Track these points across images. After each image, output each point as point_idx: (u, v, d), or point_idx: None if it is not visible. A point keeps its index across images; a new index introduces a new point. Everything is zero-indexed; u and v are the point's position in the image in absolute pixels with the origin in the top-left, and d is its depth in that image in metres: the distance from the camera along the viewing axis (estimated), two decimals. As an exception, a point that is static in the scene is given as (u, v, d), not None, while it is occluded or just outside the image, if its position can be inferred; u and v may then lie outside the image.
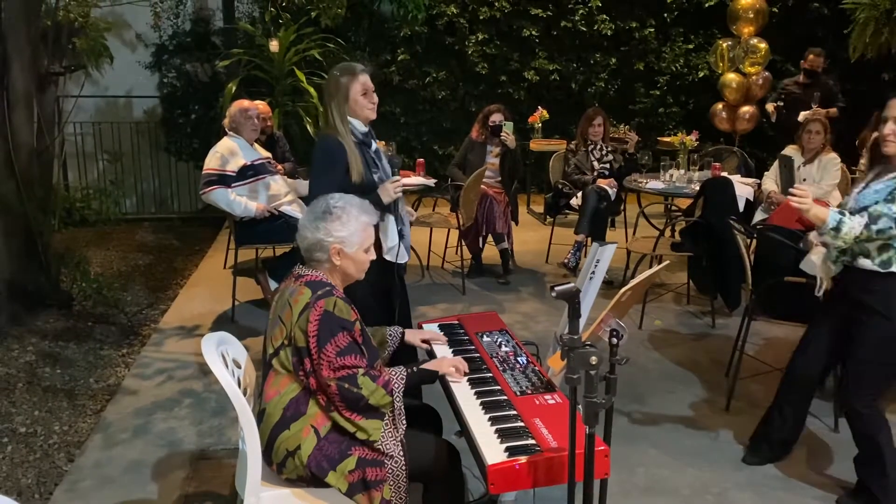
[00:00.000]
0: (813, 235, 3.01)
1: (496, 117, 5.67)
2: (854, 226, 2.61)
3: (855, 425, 2.86)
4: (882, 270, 2.68)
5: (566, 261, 5.71)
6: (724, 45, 8.25)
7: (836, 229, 2.62)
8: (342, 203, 2.32)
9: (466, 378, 2.40)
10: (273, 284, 4.40)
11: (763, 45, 8.15)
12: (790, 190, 2.70)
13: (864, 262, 2.71)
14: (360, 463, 2.18)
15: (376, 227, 2.96)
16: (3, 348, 4.28)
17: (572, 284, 1.86)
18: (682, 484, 3.06)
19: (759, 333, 4.59)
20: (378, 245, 3.04)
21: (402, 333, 2.66)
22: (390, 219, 3.11)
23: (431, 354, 2.62)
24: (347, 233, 2.28)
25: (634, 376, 4.06)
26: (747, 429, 3.42)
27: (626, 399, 3.76)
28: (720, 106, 8.48)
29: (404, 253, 3.20)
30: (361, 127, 3.08)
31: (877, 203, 2.63)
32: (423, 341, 2.71)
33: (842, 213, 2.65)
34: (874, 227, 2.60)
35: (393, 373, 2.26)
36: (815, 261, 2.99)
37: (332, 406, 2.21)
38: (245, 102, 4.88)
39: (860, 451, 2.90)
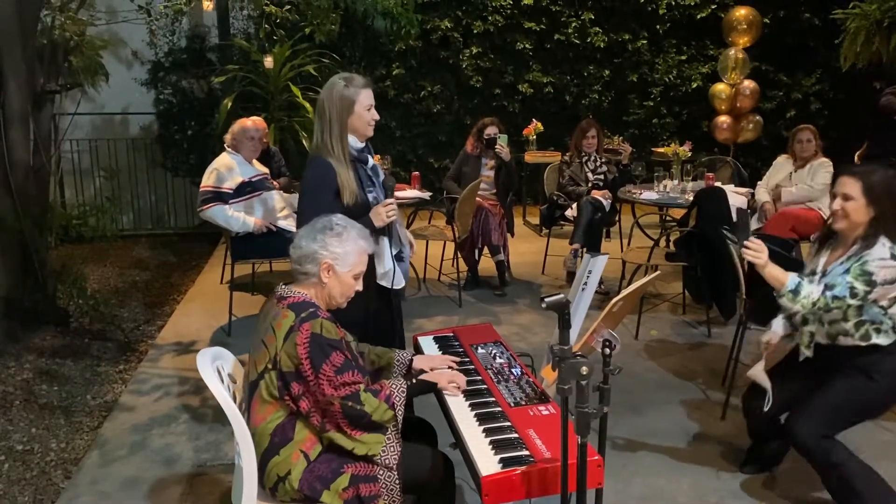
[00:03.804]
0: (762, 345, 3.01)
1: (491, 130, 5.70)
2: (812, 290, 2.66)
3: (807, 458, 2.77)
4: (864, 343, 2.73)
5: (566, 263, 5.75)
6: (731, 54, 8.38)
7: (795, 292, 2.67)
8: (344, 223, 2.34)
9: (461, 390, 2.41)
10: None
11: (741, 56, 8.24)
12: (745, 243, 2.71)
13: (846, 340, 2.75)
14: (354, 480, 2.18)
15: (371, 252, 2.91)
16: (-1, 366, 4.29)
17: (562, 295, 1.88)
18: (679, 493, 3.07)
19: (755, 342, 4.58)
20: (372, 270, 2.90)
21: (411, 360, 2.58)
22: (384, 242, 2.94)
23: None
24: (343, 251, 2.28)
25: (630, 386, 4.07)
26: (743, 437, 3.43)
27: (622, 409, 3.76)
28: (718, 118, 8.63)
29: (400, 278, 3.01)
30: (357, 143, 2.90)
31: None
32: (433, 369, 2.54)
33: (801, 277, 2.69)
34: (829, 294, 2.64)
35: (393, 386, 2.26)
36: (760, 372, 2.98)
37: (331, 425, 2.20)
38: (248, 122, 4.91)
39: (824, 481, 2.81)
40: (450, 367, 2.55)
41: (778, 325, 2.98)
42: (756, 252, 2.69)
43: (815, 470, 2.81)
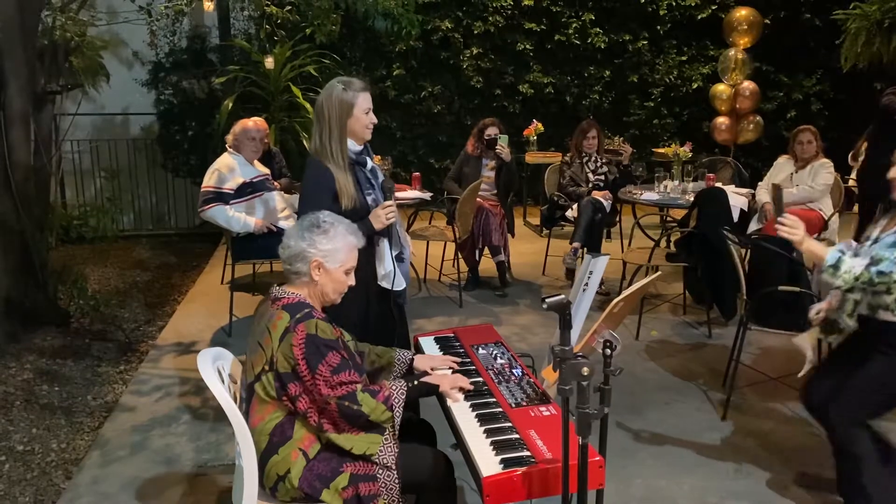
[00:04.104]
0: (812, 313, 2.92)
1: (491, 131, 5.70)
2: (854, 265, 2.55)
3: (833, 438, 2.75)
4: None
5: (565, 260, 5.69)
6: (730, 55, 8.40)
7: (835, 267, 2.57)
8: (331, 219, 2.34)
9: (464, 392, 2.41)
10: None
11: (740, 57, 8.25)
12: (779, 219, 2.64)
13: (885, 315, 2.67)
14: (353, 479, 2.18)
15: (371, 254, 2.90)
16: (0, 366, 4.28)
17: (563, 296, 1.88)
18: (680, 494, 3.07)
19: (755, 343, 4.60)
20: (373, 272, 2.92)
21: (412, 359, 2.59)
22: (384, 244, 2.94)
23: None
24: (332, 247, 2.28)
25: (631, 387, 4.06)
26: (745, 438, 3.43)
27: (623, 410, 3.76)
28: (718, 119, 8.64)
29: (401, 279, 2.99)
30: (355, 146, 2.89)
31: None
32: (433, 369, 2.56)
33: (841, 252, 2.60)
34: (874, 269, 2.53)
35: (393, 387, 2.26)
36: (804, 339, 2.93)
37: (329, 425, 2.20)
38: (249, 123, 4.91)
39: (836, 465, 2.79)
40: (451, 369, 2.56)
41: (830, 294, 2.88)
42: (791, 228, 2.58)
43: (833, 452, 2.80)
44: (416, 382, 2.34)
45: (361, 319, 2.85)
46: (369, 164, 2.99)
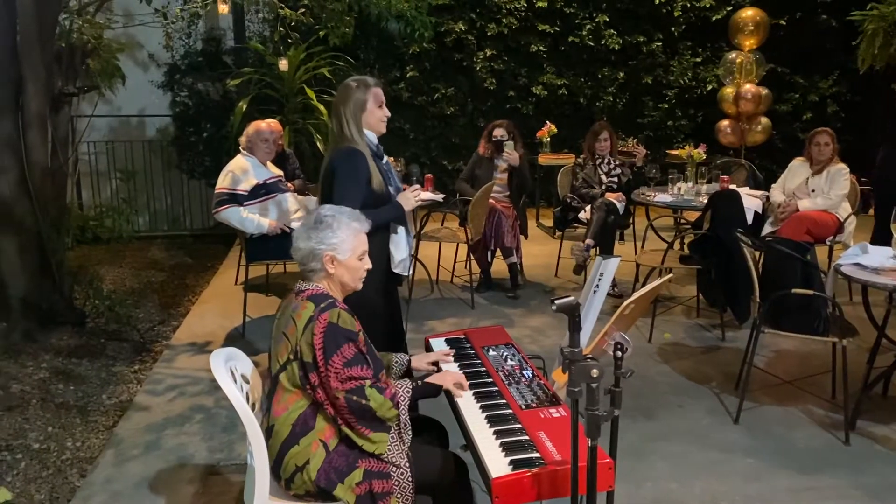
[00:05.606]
0: None
1: (497, 132, 5.70)
2: None
3: None
4: None
5: (574, 252, 5.54)
6: (730, 58, 8.33)
7: None
8: (332, 212, 2.38)
9: (472, 391, 2.42)
10: None
11: (740, 59, 8.16)
12: None
13: None
14: (367, 475, 2.20)
15: (387, 241, 3.07)
16: (17, 365, 4.33)
17: (572, 298, 1.88)
18: (691, 497, 3.05)
19: (769, 346, 4.57)
20: (386, 259, 3.08)
21: (409, 360, 2.66)
22: (401, 231, 3.14)
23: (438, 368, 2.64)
24: (338, 239, 2.32)
25: (643, 389, 4.05)
26: (757, 442, 3.41)
27: (635, 412, 3.75)
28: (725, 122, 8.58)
29: (409, 266, 3.28)
30: (374, 139, 3.13)
31: None
32: (431, 363, 2.68)
33: None
34: None
35: (399, 386, 2.29)
36: None
37: (341, 419, 2.23)
38: (262, 125, 4.94)
39: None
40: (442, 361, 2.65)
41: None
42: None
43: None
44: (420, 383, 2.38)
45: (380, 306, 3.04)
46: (384, 158, 3.21)
